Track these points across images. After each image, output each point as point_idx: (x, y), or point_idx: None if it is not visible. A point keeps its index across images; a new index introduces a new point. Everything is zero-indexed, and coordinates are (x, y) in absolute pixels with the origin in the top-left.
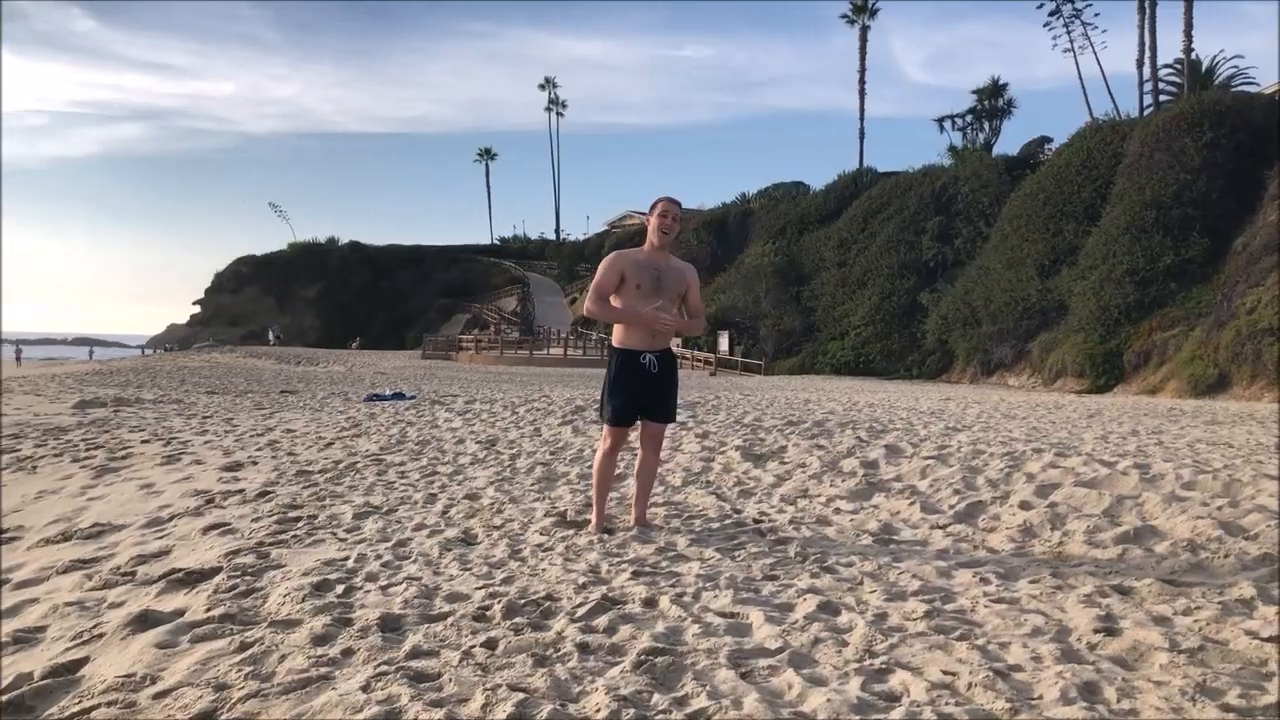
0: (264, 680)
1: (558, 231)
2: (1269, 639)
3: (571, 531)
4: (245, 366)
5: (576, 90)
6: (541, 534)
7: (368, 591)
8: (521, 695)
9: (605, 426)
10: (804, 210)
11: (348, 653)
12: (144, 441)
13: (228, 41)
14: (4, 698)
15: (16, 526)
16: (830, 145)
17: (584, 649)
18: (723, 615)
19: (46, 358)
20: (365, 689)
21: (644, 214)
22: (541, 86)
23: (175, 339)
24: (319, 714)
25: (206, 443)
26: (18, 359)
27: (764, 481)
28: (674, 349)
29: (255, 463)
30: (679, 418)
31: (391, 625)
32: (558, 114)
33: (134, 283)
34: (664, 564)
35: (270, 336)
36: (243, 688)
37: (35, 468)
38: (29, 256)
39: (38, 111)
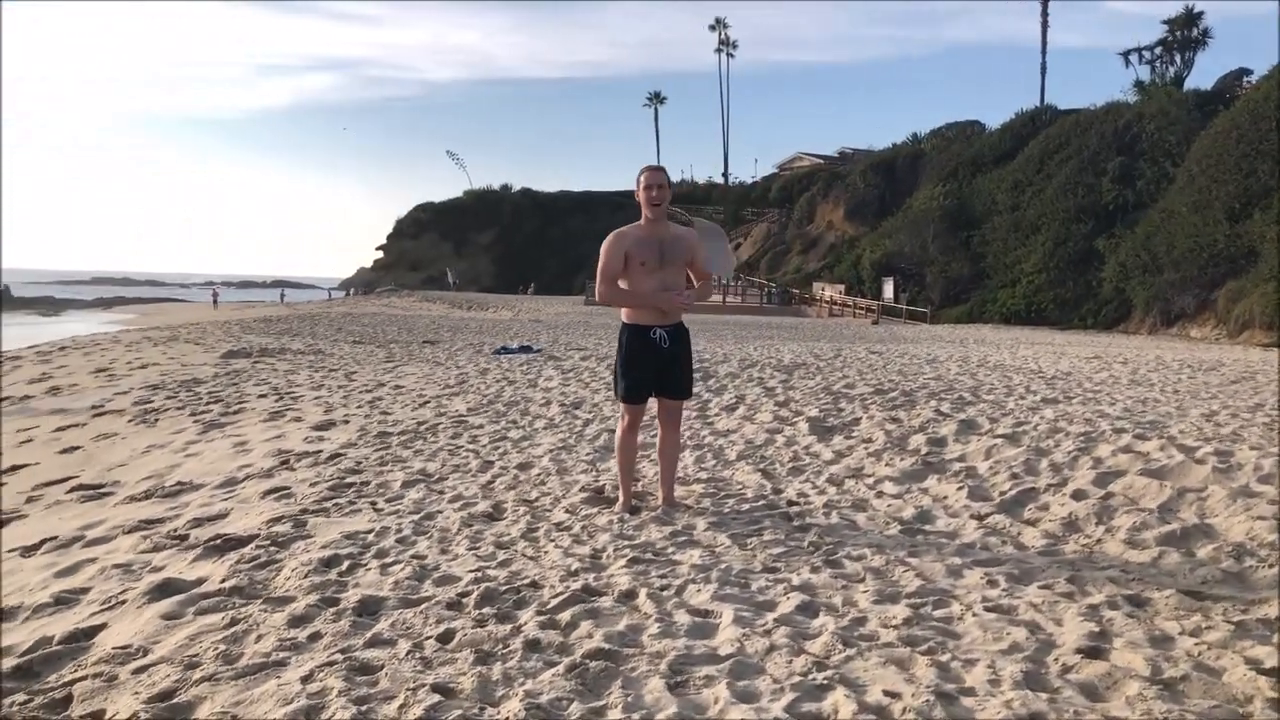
0: (229, 662)
1: (726, 175)
2: (1269, 671)
3: (598, 509)
4: (407, 314)
5: (752, 28)
6: (567, 511)
7: (369, 570)
8: (439, 698)
9: (621, 404)
10: (977, 151)
11: (315, 637)
12: (260, 396)
13: None
14: (18, 661)
15: (113, 482)
16: (1011, 81)
17: (533, 646)
18: (695, 613)
19: (243, 300)
20: (306, 679)
21: (815, 155)
22: (712, 27)
23: (361, 283)
24: (255, 703)
25: (316, 398)
26: (214, 302)
27: (821, 458)
28: (836, 296)
29: (347, 421)
30: (769, 383)
31: (370, 609)
32: (728, 55)
33: (329, 227)
34: (670, 550)
35: (450, 280)
36: (205, 669)
37: (157, 420)
38: (233, 203)
39: (236, 64)
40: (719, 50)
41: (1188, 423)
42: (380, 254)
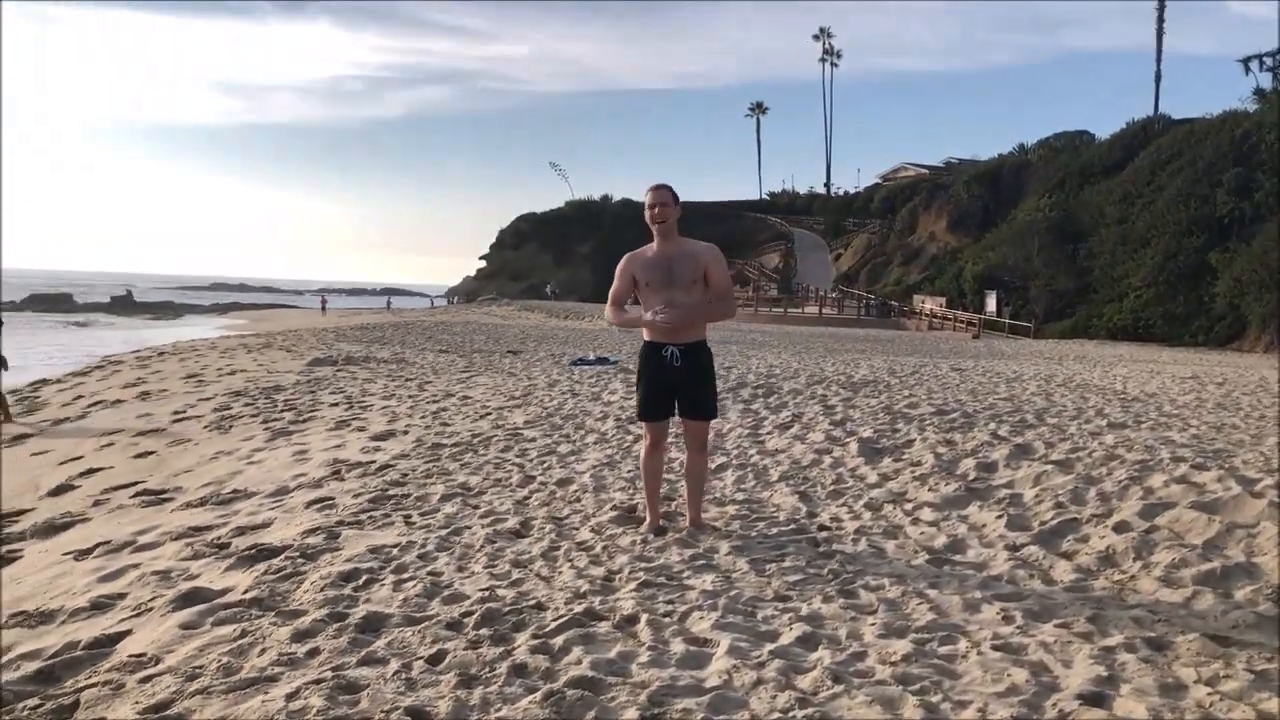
0: (228, 675)
1: (828, 185)
2: None
3: (624, 529)
4: (501, 323)
5: (858, 36)
6: (593, 531)
7: (383, 585)
8: None
9: (641, 424)
10: (1085, 161)
11: (313, 653)
12: (332, 405)
13: (525, 1)
14: (41, 665)
15: (176, 488)
16: (1123, 89)
17: (519, 671)
18: (692, 642)
19: (350, 307)
20: (291, 696)
21: (919, 165)
22: (816, 37)
23: (465, 291)
24: (238, 718)
25: (384, 408)
26: (323, 308)
27: (865, 481)
28: (937, 309)
29: (406, 432)
30: (830, 401)
31: (372, 626)
32: (832, 64)
33: (437, 236)
34: (686, 574)
35: (548, 291)
36: (202, 681)
37: (231, 427)
38: (347, 212)
39: (354, 77)
40: (823, 60)
41: (1257, 452)
42: (483, 263)
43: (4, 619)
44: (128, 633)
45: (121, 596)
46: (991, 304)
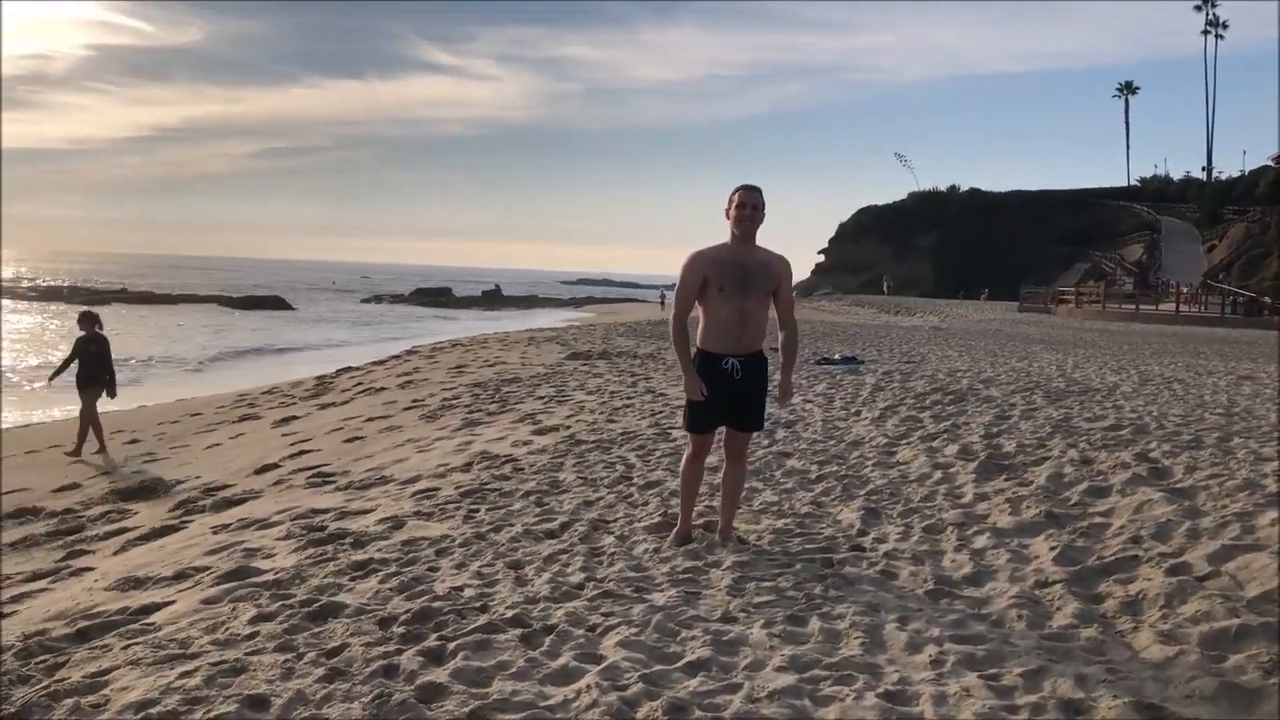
0: (180, 647)
1: (1207, 169)
2: None
3: (651, 537)
4: (812, 318)
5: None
6: (619, 538)
7: (376, 576)
8: (235, 708)
9: (686, 434)
10: None
11: (250, 636)
12: (538, 398)
13: None
14: (84, 625)
15: (343, 472)
16: None
17: (388, 671)
18: (583, 658)
19: None
20: (185, 674)
21: None
22: (1198, 8)
23: (802, 286)
24: (130, 689)
25: (578, 402)
26: (661, 303)
27: (960, 500)
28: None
29: (568, 427)
30: (1010, 412)
31: (322, 616)
32: (1216, 36)
33: (785, 231)
34: (663, 585)
35: (884, 286)
36: (151, 653)
37: (441, 416)
38: (710, 208)
39: (719, 77)
40: (1205, 32)
41: None
42: (821, 257)
43: (110, 582)
44: (171, 602)
45: (203, 570)
46: None
